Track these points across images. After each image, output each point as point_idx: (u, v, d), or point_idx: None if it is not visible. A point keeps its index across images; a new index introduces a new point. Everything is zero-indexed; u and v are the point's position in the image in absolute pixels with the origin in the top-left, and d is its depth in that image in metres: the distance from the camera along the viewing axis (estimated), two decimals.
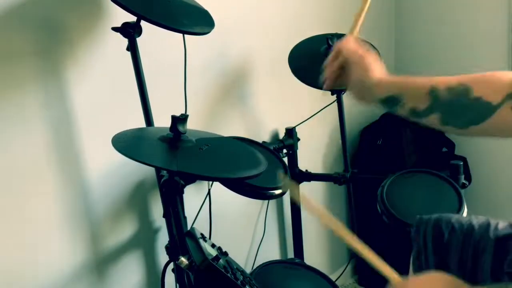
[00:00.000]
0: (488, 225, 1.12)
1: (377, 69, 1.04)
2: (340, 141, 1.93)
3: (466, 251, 1.10)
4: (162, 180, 1.28)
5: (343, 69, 1.09)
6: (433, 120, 0.97)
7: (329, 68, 1.10)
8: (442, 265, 1.10)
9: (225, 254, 1.31)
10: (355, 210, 2.30)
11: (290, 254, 2.13)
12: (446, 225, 1.15)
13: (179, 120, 1.12)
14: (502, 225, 1.12)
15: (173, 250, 1.40)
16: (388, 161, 2.25)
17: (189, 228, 1.35)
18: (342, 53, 1.08)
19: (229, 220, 1.85)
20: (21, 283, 1.30)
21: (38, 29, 1.26)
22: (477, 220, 1.14)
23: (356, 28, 1.24)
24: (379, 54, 1.79)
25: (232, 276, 1.19)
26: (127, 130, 1.19)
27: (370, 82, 1.02)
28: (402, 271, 0.97)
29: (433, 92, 0.96)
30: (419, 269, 1.13)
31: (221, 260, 1.20)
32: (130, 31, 1.27)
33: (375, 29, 2.43)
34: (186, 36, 1.46)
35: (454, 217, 1.18)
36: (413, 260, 1.16)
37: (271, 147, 1.71)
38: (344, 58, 1.08)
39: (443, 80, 0.97)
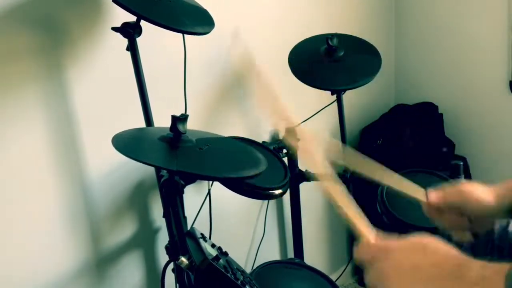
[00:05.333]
0: (507, 224, 1.13)
1: (485, 194, 0.96)
2: (340, 141, 1.93)
3: (486, 250, 1.11)
4: (162, 180, 1.28)
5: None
6: None
7: None
8: None
9: (225, 254, 1.31)
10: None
11: (290, 254, 2.13)
12: None
13: (179, 120, 1.12)
14: None
15: (173, 250, 1.40)
16: (388, 161, 2.25)
17: (189, 228, 1.35)
18: None
19: (229, 220, 1.85)
20: (21, 283, 1.30)
21: (38, 29, 1.26)
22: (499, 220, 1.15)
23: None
24: (380, 56, 1.79)
25: (232, 276, 1.19)
26: (127, 130, 1.19)
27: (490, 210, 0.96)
28: None
29: None
30: None
31: (221, 260, 1.20)
32: (130, 31, 1.27)
33: (375, 29, 2.43)
34: (186, 36, 1.46)
35: None
36: None
37: (271, 147, 1.71)
38: None
39: None
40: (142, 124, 1.35)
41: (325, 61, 1.74)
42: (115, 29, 1.28)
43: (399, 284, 0.61)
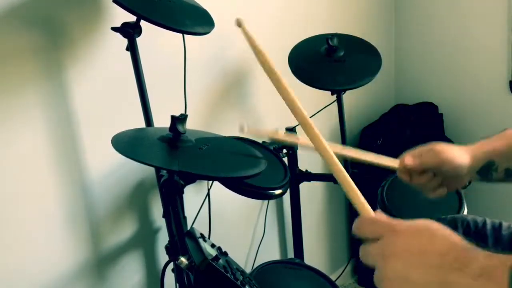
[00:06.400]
0: (501, 225, 1.14)
1: (461, 156, 0.99)
2: (340, 141, 1.93)
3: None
4: (162, 180, 1.28)
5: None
6: None
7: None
8: None
9: (225, 254, 1.31)
10: (355, 210, 2.29)
11: (290, 254, 2.13)
12: (461, 224, 1.16)
13: (178, 120, 1.12)
14: None
15: (173, 250, 1.40)
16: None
17: (189, 228, 1.35)
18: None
19: (229, 220, 1.85)
20: (21, 283, 1.30)
21: (38, 29, 1.26)
22: (491, 221, 1.16)
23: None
24: (380, 57, 1.79)
25: (232, 276, 1.19)
26: (127, 130, 1.19)
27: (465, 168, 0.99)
28: None
29: None
30: None
31: (220, 260, 1.20)
32: (129, 31, 1.27)
33: (375, 29, 2.43)
34: (186, 36, 1.46)
35: (469, 216, 1.19)
36: None
37: (271, 147, 1.71)
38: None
39: None
40: (142, 124, 1.35)
41: (325, 61, 1.74)
42: (115, 29, 1.28)
43: (403, 267, 0.60)
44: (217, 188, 1.60)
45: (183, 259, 1.21)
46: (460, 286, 0.56)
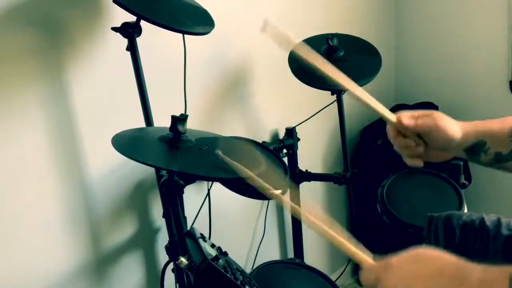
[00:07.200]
0: (499, 222, 1.13)
1: (455, 129, 0.98)
2: (340, 141, 1.93)
3: (477, 248, 1.11)
4: (162, 180, 1.28)
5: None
6: None
7: None
8: None
9: (225, 254, 1.31)
10: (355, 210, 2.30)
11: (290, 254, 2.13)
12: (457, 221, 1.16)
13: (178, 120, 1.12)
14: None
15: (173, 250, 1.40)
16: (388, 161, 2.25)
17: (189, 228, 1.35)
18: None
19: (229, 220, 1.85)
20: (21, 283, 1.30)
21: (38, 29, 1.26)
22: (488, 217, 1.16)
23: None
24: (379, 56, 1.79)
25: (232, 276, 1.19)
26: (127, 130, 1.19)
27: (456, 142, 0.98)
28: None
29: None
30: None
31: (220, 260, 1.20)
32: (129, 31, 1.27)
33: (375, 29, 2.43)
34: (186, 36, 1.46)
35: (465, 214, 1.19)
36: None
37: (271, 147, 1.71)
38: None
39: None
40: (142, 124, 1.35)
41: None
42: (115, 29, 1.28)
43: None
44: (217, 188, 1.60)
45: (183, 259, 1.21)
46: None
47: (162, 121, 1.26)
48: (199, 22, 1.36)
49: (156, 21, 1.21)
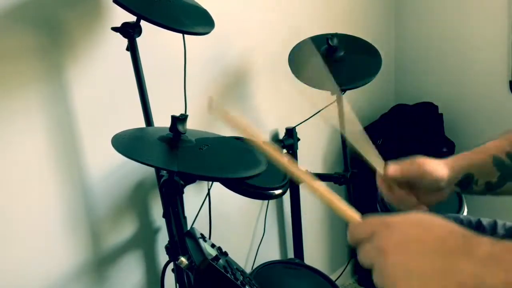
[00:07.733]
0: (495, 223, 1.14)
1: (440, 169, 0.98)
2: (340, 141, 1.93)
3: None
4: (162, 180, 1.28)
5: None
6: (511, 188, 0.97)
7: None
8: None
9: (225, 254, 1.31)
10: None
11: (290, 254, 2.13)
12: (455, 221, 1.16)
13: (178, 120, 1.12)
14: (510, 224, 1.13)
15: (173, 250, 1.40)
16: (388, 161, 2.25)
17: (189, 228, 1.35)
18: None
19: (229, 220, 1.85)
20: (21, 283, 1.30)
21: (38, 29, 1.26)
22: (485, 219, 1.16)
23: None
24: (380, 57, 1.79)
25: (232, 276, 1.19)
26: (127, 130, 1.19)
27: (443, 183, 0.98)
28: None
29: (497, 162, 0.96)
30: None
31: (220, 260, 1.20)
32: (129, 31, 1.27)
33: (375, 29, 2.43)
34: (186, 36, 1.46)
35: (463, 216, 1.20)
36: None
37: None
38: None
39: (498, 147, 0.97)
40: (142, 124, 1.35)
41: (325, 61, 1.73)
42: (115, 29, 1.28)
43: (405, 258, 0.56)
44: (217, 188, 1.60)
45: (183, 259, 1.21)
46: (468, 272, 0.52)
47: (162, 121, 1.26)
48: (199, 22, 1.36)
49: (156, 21, 1.21)
